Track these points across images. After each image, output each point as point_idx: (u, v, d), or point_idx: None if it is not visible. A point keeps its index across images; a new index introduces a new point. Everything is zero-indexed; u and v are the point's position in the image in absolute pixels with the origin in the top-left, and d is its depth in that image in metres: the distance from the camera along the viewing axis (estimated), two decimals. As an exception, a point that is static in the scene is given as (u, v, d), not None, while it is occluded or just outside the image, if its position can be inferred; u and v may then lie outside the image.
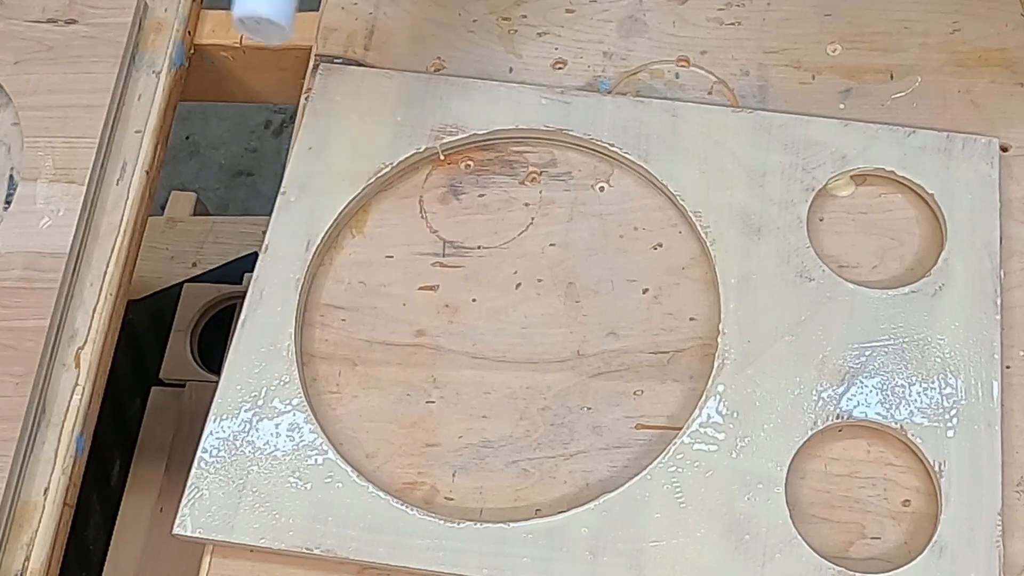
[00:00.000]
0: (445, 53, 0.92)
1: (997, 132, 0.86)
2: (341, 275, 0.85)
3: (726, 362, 0.78)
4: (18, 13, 0.93)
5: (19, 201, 0.85)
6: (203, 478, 0.76)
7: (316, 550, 0.74)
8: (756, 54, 0.90)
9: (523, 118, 0.87)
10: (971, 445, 0.75)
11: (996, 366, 0.78)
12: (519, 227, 0.85)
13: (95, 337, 0.83)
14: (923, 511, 0.76)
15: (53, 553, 0.77)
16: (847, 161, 0.84)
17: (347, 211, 0.85)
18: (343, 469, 0.76)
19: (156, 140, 0.90)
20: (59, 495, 0.78)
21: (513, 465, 0.78)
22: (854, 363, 0.78)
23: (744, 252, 0.82)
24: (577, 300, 0.83)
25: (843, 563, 0.73)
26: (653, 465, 0.75)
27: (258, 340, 0.80)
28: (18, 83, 0.90)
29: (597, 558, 0.73)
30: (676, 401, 0.79)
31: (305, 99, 0.89)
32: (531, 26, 0.93)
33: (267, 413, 0.78)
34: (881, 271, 0.83)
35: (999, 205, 0.83)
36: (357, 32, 0.93)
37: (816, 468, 0.77)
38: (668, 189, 0.84)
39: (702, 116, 0.87)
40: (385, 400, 0.80)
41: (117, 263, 0.85)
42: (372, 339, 0.82)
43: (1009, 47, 0.90)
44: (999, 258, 0.81)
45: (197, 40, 0.96)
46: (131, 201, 0.87)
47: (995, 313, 0.79)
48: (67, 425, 0.80)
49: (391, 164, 0.86)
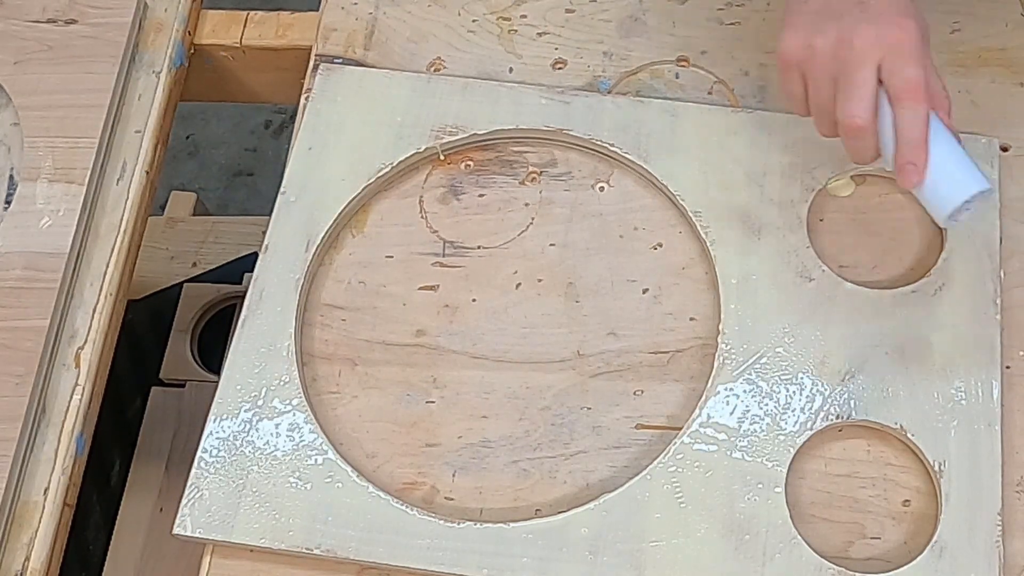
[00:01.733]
0: (445, 53, 0.92)
1: (997, 132, 0.86)
2: (341, 275, 0.85)
3: (726, 362, 0.78)
4: (18, 13, 0.93)
5: (19, 201, 0.85)
6: (203, 478, 0.76)
7: (316, 550, 0.74)
8: (756, 54, 0.90)
9: (523, 118, 0.87)
10: (971, 445, 0.75)
11: (996, 366, 0.78)
12: (519, 227, 0.85)
13: (95, 337, 0.83)
14: (923, 511, 0.76)
15: (53, 553, 0.77)
16: (847, 161, 0.84)
17: (347, 211, 0.85)
18: (343, 469, 0.76)
19: (156, 140, 0.90)
20: (59, 495, 0.78)
21: (513, 465, 0.78)
22: (854, 363, 0.78)
23: (744, 252, 0.82)
24: (577, 300, 0.83)
25: (843, 563, 0.73)
26: (653, 465, 0.75)
27: (258, 340, 0.80)
28: (18, 83, 0.90)
29: (597, 558, 0.73)
30: (676, 401, 0.79)
31: (305, 99, 0.89)
32: (531, 26, 0.93)
33: (267, 413, 0.78)
34: (881, 271, 0.83)
35: (999, 205, 0.83)
36: (357, 32, 0.93)
37: (816, 468, 0.77)
38: (668, 189, 0.84)
39: (702, 116, 0.87)
40: (385, 400, 0.80)
41: (117, 263, 0.85)
42: (372, 339, 0.82)
43: (1009, 47, 0.90)
44: (999, 258, 0.81)
45: (197, 40, 0.96)
46: (131, 201, 0.87)
47: (995, 313, 0.79)
48: (67, 425, 0.80)
49: (391, 164, 0.86)
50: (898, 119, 0.71)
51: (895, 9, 0.72)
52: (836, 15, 0.72)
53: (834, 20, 0.72)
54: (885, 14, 0.71)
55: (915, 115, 0.71)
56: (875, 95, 0.71)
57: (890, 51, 0.71)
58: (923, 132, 0.71)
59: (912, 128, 0.71)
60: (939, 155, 0.72)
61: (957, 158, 0.73)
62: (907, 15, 0.72)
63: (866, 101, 0.71)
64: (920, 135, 0.71)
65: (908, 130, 0.71)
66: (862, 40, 0.71)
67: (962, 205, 0.72)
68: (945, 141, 0.72)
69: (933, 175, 0.72)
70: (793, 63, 0.74)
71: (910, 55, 0.71)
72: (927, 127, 0.71)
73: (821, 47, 0.72)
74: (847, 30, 0.71)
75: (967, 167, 0.73)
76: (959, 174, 0.73)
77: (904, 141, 0.71)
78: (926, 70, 0.71)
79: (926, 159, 0.72)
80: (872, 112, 0.71)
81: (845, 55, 0.71)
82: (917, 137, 0.71)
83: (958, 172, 0.73)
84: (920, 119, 0.71)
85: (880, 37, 0.71)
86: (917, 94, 0.70)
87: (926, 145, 0.71)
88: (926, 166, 0.72)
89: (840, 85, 0.72)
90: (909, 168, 0.71)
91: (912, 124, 0.71)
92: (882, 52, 0.71)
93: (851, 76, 0.71)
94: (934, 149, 0.72)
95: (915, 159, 0.71)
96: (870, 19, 0.71)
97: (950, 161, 0.73)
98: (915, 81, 0.70)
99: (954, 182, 0.73)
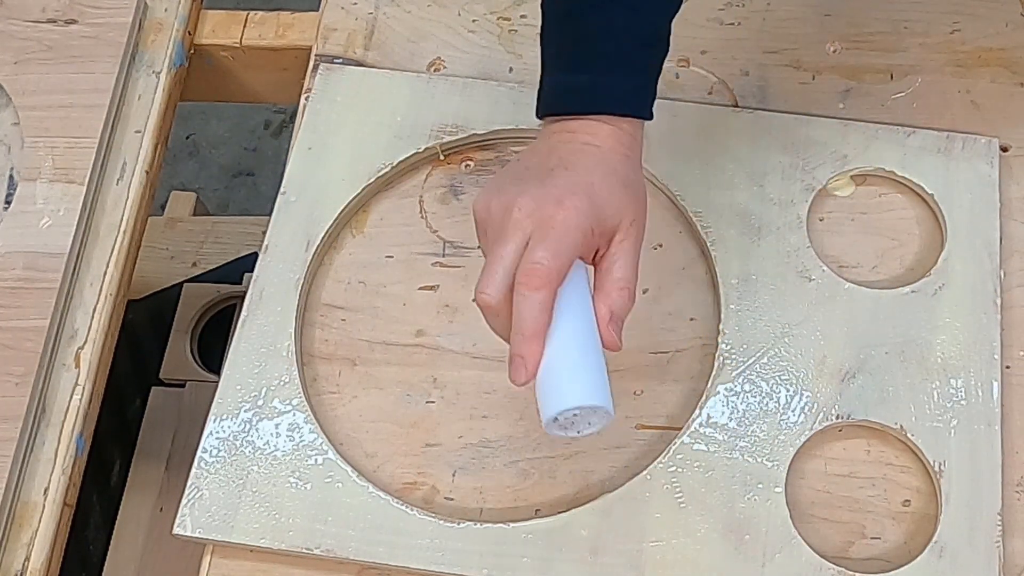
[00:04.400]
0: (445, 53, 0.92)
1: (997, 132, 0.86)
2: (341, 275, 0.85)
3: (726, 362, 0.78)
4: (18, 13, 0.93)
5: (19, 201, 0.85)
6: (203, 478, 0.76)
7: (316, 550, 0.74)
8: (756, 54, 0.90)
9: (523, 118, 0.87)
10: (971, 445, 0.75)
11: (996, 366, 0.78)
12: (519, 227, 0.85)
13: (95, 337, 0.83)
14: (923, 511, 0.76)
15: (53, 553, 0.77)
16: (847, 161, 0.84)
17: (347, 211, 0.85)
18: (343, 469, 0.76)
19: (156, 140, 0.90)
20: (59, 495, 0.78)
21: (513, 465, 0.78)
22: (854, 363, 0.78)
23: (744, 252, 0.82)
24: (577, 300, 0.82)
25: (843, 563, 0.73)
26: (653, 465, 0.75)
27: (258, 340, 0.80)
28: (18, 83, 0.90)
29: (597, 558, 0.73)
30: (676, 401, 0.79)
31: (305, 99, 0.89)
32: (531, 26, 0.93)
33: (267, 413, 0.78)
34: (881, 271, 0.83)
35: (999, 205, 0.83)
36: (357, 32, 0.93)
37: (816, 468, 0.77)
38: (668, 189, 0.84)
39: (702, 116, 0.87)
40: (385, 400, 0.80)
41: (117, 263, 0.85)
42: (372, 339, 0.82)
43: (1009, 47, 0.90)
44: (999, 258, 0.81)
45: (197, 40, 0.96)
46: (131, 201, 0.87)
47: (995, 313, 0.79)
48: (67, 425, 0.80)
49: (391, 164, 0.86)
50: (514, 305, 0.63)
51: (571, 185, 0.64)
52: (523, 180, 0.66)
53: (517, 184, 0.66)
54: (559, 188, 0.64)
55: (527, 303, 0.62)
56: (512, 272, 0.63)
57: (537, 228, 0.63)
58: (534, 324, 0.62)
59: (521, 318, 0.63)
60: (556, 354, 0.63)
61: (577, 363, 0.64)
62: (582, 194, 0.64)
63: (496, 277, 0.63)
64: (529, 327, 0.62)
65: (517, 319, 0.63)
66: (519, 211, 0.64)
67: (563, 414, 0.64)
68: (576, 341, 0.64)
69: (543, 374, 0.63)
70: (477, 221, 0.67)
71: (552, 237, 0.63)
72: (542, 319, 0.63)
73: (495, 210, 0.65)
74: (515, 198, 0.64)
75: (585, 375, 0.64)
76: (569, 380, 0.63)
77: (514, 331, 0.63)
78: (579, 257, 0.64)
79: (537, 356, 0.63)
80: (503, 291, 0.63)
81: (503, 224, 0.64)
82: (525, 329, 0.62)
83: (569, 377, 0.63)
84: (532, 309, 0.62)
85: (534, 211, 0.63)
86: (532, 280, 0.62)
87: (537, 340, 0.63)
88: (536, 364, 0.63)
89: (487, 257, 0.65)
90: (516, 361, 0.63)
91: (521, 313, 0.63)
92: (532, 228, 0.63)
93: (494, 249, 0.64)
94: (555, 345, 0.63)
95: (522, 352, 0.63)
96: (541, 190, 0.64)
97: (567, 365, 0.63)
98: (537, 266, 0.62)
99: (559, 388, 0.63)
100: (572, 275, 0.65)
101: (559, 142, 0.68)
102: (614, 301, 0.65)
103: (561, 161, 0.66)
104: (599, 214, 0.65)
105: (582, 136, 0.67)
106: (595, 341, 0.65)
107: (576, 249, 0.64)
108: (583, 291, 0.66)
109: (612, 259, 0.66)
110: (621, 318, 0.65)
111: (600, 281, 0.66)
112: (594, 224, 0.64)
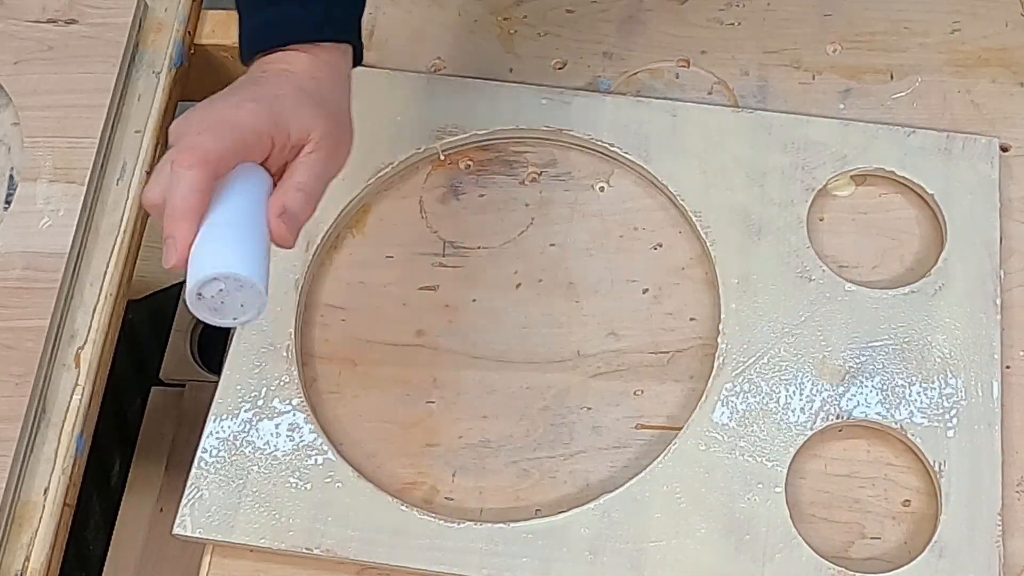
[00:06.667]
0: (445, 53, 0.92)
1: (997, 132, 0.86)
2: (341, 275, 0.85)
3: (726, 362, 0.78)
4: (18, 13, 0.93)
5: (19, 201, 0.85)
6: (203, 478, 0.76)
7: (316, 550, 0.74)
8: (756, 54, 0.90)
9: (523, 118, 0.87)
10: (971, 445, 0.75)
11: (996, 366, 0.78)
12: (519, 227, 0.85)
13: (95, 337, 0.83)
14: (923, 511, 0.76)
15: (53, 553, 0.77)
16: (847, 161, 0.84)
17: (347, 211, 0.85)
18: (343, 469, 0.76)
19: (156, 140, 0.90)
20: (59, 495, 0.78)
21: (513, 465, 0.78)
22: (854, 363, 0.78)
23: (744, 252, 0.82)
24: (577, 300, 0.83)
25: (843, 563, 0.73)
26: (653, 465, 0.75)
27: (258, 340, 0.80)
28: (18, 83, 0.90)
29: (597, 558, 0.73)
30: (676, 401, 0.79)
31: (305, 99, 0.89)
32: (531, 26, 0.93)
33: (267, 413, 0.78)
34: (881, 271, 0.83)
35: (999, 205, 0.83)
36: (357, 32, 0.93)
37: (816, 468, 0.77)
38: (668, 189, 0.84)
39: (702, 116, 0.87)
40: (385, 400, 0.80)
41: (117, 263, 0.85)
42: (372, 339, 0.82)
43: (1009, 47, 0.90)
44: (999, 258, 0.81)
45: (197, 40, 0.96)
46: (131, 201, 0.87)
47: (995, 313, 0.79)
48: (67, 425, 0.80)
49: (391, 164, 0.86)
50: (168, 186, 0.62)
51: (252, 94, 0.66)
52: (212, 99, 0.66)
53: (207, 103, 0.66)
54: (238, 96, 0.65)
55: (179, 182, 0.61)
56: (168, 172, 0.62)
57: (208, 127, 0.63)
58: (184, 203, 0.61)
59: (173, 196, 0.61)
60: (208, 231, 0.61)
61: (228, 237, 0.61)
62: (262, 101, 0.64)
63: (160, 177, 0.62)
64: (179, 206, 0.61)
65: (169, 198, 0.61)
66: (195, 115, 0.64)
67: (206, 286, 0.60)
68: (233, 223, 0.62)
69: (192, 252, 0.61)
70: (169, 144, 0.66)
71: (217, 128, 0.62)
72: (193, 198, 0.61)
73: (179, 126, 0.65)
74: (195, 110, 0.65)
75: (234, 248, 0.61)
76: (213, 252, 0.61)
77: (167, 212, 0.61)
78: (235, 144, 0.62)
79: (188, 236, 0.61)
80: (156, 190, 0.62)
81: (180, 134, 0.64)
82: (176, 208, 0.61)
83: (214, 250, 0.61)
84: (183, 187, 0.61)
85: (207, 116, 0.64)
86: (185, 158, 0.61)
87: (188, 220, 0.61)
88: (187, 245, 0.61)
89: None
90: (168, 242, 0.61)
91: (173, 192, 0.61)
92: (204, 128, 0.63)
93: (165, 156, 0.63)
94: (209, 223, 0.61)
95: (172, 232, 0.61)
96: (222, 101, 0.65)
97: (216, 238, 0.61)
98: (193, 146, 0.61)
99: (202, 259, 0.60)
100: (249, 177, 0.64)
101: (255, 73, 0.69)
102: (289, 199, 0.64)
103: (251, 81, 0.68)
104: (279, 121, 0.64)
105: (277, 66, 0.69)
106: (259, 230, 0.63)
107: (243, 143, 0.63)
108: (258, 192, 0.64)
109: (295, 166, 0.66)
110: (296, 217, 0.64)
111: (280, 184, 0.65)
112: (272, 131, 0.64)
